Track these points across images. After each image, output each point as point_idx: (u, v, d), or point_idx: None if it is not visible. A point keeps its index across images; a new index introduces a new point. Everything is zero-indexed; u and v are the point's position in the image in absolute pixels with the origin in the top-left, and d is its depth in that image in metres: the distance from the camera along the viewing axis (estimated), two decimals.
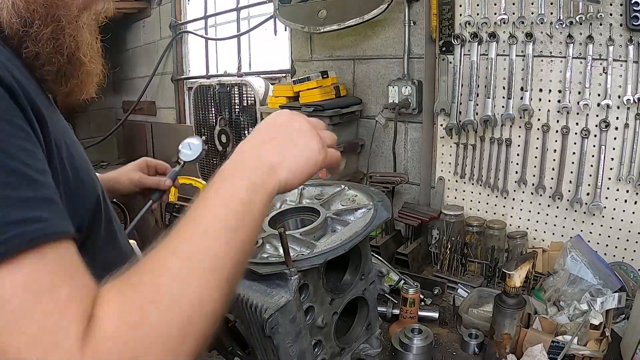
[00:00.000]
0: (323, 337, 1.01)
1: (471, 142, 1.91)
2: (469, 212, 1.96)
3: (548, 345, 1.22)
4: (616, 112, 1.57)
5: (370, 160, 2.24)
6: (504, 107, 1.77)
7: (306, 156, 0.71)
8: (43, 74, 0.70)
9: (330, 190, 1.23)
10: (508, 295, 1.25)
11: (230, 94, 2.76)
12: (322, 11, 2.17)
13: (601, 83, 1.58)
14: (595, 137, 1.62)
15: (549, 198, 1.76)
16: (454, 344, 1.39)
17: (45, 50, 0.68)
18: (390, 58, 2.16)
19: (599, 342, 1.25)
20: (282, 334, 0.87)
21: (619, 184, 1.60)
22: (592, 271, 1.47)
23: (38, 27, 0.67)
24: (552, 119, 1.70)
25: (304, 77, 2.23)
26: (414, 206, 1.98)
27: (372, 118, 2.22)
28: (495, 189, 1.88)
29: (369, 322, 1.15)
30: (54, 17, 0.69)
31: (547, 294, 1.47)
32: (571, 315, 1.36)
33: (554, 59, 1.66)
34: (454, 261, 1.73)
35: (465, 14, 1.80)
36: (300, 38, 2.49)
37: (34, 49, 0.67)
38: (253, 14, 3.06)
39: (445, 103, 1.90)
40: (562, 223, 1.75)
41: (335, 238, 0.99)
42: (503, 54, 1.75)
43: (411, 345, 1.28)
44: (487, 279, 1.69)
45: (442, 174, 2.03)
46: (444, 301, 1.62)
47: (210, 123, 2.91)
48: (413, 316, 1.44)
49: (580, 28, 1.58)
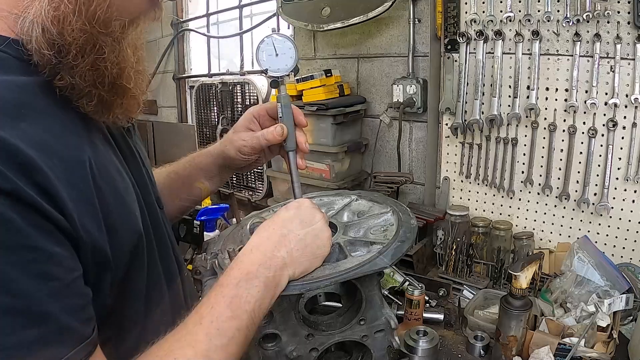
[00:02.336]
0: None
1: (477, 142, 1.89)
2: (475, 212, 1.95)
3: (555, 347, 1.21)
4: (624, 111, 1.55)
5: (375, 159, 2.23)
6: (510, 106, 1.76)
7: (320, 255, 0.82)
8: (81, 105, 0.64)
9: (376, 208, 1.08)
10: (514, 296, 1.23)
11: (232, 92, 2.76)
12: (326, 9, 2.15)
13: (608, 82, 1.56)
14: (603, 137, 1.60)
15: (556, 198, 1.74)
16: (460, 346, 1.37)
17: (83, 82, 0.62)
18: (394, 56, 2.14)
19: (606, 345, 1.24)
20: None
21: (626, 184, 1.59)
22: (600, 272, 1.45)
23: (75, 58, 0.60)
24: (559, 118, 1.68)
25: (308, 75, 2.22)
26: (418, 206, 1.97)
27: (376, 117, 2.21)
28: (501, 189, 1.86)
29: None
30: (94, 46, 0.61)
31: (554, 296, 1.46)
32: (578, 317, 1.34)
33: (561, 57, 1.64)
34: (460, 262, 1.71)
35: (471, 12, 1.78)
36: (304, 36, 2.47)
37: (70, 80, 0.61)
38: (256, 11, 3.04)
39: (451, 102, 1.88)
40: (569, 223, 1.74)
41: (323, 270, 0.86)
42: (509, 52, 1.73)
43: (416, 348, 1.27)
44: (493, 281, 1.67)
45: (447, 174, 2.02)
46: (449, 303, 1.60)
47: (212, 122, 2.91)
48: (418, 318, 1.43)
49: (587, 26, 1.56)
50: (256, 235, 0.81)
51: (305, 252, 0.80)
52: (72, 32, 0.59)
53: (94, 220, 0.59)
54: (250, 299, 0.70)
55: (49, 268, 0.52)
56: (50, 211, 0.52)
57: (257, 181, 2.72)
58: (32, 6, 0.58)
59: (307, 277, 0.83)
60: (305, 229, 0.81)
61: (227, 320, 0.67)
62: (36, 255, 0.51)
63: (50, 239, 0.53)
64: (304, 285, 0.81)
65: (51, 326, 0.52)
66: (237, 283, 0.71)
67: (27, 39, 0.58)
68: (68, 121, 0.62)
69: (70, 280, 0.55)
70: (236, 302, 0.69)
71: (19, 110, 0.54)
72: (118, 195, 0.66)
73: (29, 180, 0.51)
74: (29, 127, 0.54)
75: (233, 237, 1.04)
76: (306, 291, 0.85)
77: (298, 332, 0.91)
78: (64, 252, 0.54)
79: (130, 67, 0.69)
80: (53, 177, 0.53)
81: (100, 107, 0.66)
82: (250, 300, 0.70)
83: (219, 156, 1.08)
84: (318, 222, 0.83)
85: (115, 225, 0.63)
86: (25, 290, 0.50)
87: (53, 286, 0.52)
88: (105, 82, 0.64)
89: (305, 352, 0.92)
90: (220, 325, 0.66)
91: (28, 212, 0.50)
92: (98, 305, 0.61)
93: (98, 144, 0.68)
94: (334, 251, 0.91)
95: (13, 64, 0.58)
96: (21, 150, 0.50)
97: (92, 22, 0.60)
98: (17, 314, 0.49)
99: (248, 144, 1.01)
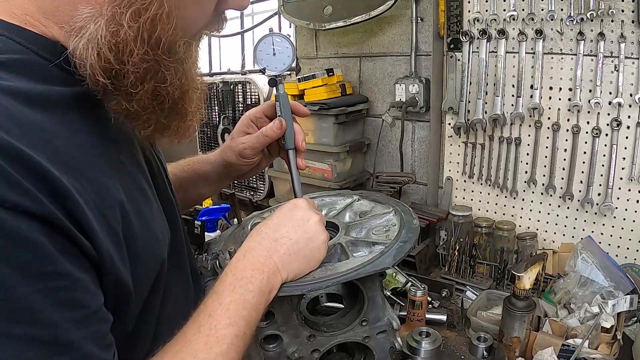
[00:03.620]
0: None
1: (480, 142, 1.88)
2: (478, 212, 1.94)
3: (558, 348, 1.20)
4: (628, 110, 1.54)
5: (377, 159, 2.22)
6: (514, 105, 1.75)
7: (314, 258, 0.81)
8: (136, 131, 0.59)
9: (378, 209, 1.08)
10: (517, 297, 1.23)
11: (233, 92, 2.74)
12: (328, 7, 2.14)
13: (612, 81, 1.55)
14: (607, 137, 1.59)
15: (559, 198, 1.73)
16: (463, 347, 1.37)
17: (141, 110, 0.57)
18: (397, 55, 2.13)
19: (610, 346, 1.23)
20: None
21: (630, 184, 1.58)
22: (604, 273, 1.45)
23: (133, 86, 0.55)
24: (563, 118, 1.67)
25: (309, 74, 2.21)
26: (421, 207, 1.96)
27: (378, 117, 2.20)
28: (505, 189, 1.85)
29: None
30: (156, 73, 0.56)
31: (558, 297, 1.45)
32: (582, 318, 1.34)
33: (565, 57, 1.63)
34: (462, 263, 1.70)
35: (474, 11, 1.77)
36: (305, 35, 2.46)
37: (127, 106, 0.56)
38: (257, 10, 3.04)
39: (454, 101, 1.87)
40: (573, 224, 1.73)
41: (324, 270, 0.86)
42: (512, 52, 1.72)
43: (419, 349, 1.26)
44: (496, 281, 1.67)
45: (450, 174, 2.01)
46: (452, 304, 1.59)
47: (213, 121, 2.89)
48: (420, 319, 1.42)
49: (591, 25, 1.55)
50: (249, 239, 0.80)
51: (299, 257, 0.79)
52: (133, 60, 0.54)
53: (118, 249, 0.57)
54: (247, 305, 0.70)
55: (76, 295, 0.51)
56: (77, 236, 0.51)
57: (259, 181, 2.71)
58: (87, 28, 0.53)
59: (309, 278, 0.82)
60: (298, 233, 0.80)
61: (225, 327, 0.66)
62: (65, 282, 0.49)
63: (78, 265, 0.51)
64: (305, 285, 0.81)
65: (76, 354, 0.51)
66: (232, 289, 0.70)
67: (80, 62, 0.53)
68: (100, 139, 0.58)
69: (96, 307, 0.54)
70: (233, 308, 0.69)
71: (52, 127, 0.52)
72: (143, 220, 0.64)
73: (59, 204, 0.49)
74: (61, 146, 0.52)
75: (234, 238, 1.04)
76: (308, 292, 0.84)
77: (300, 333, 0.90)
78: (90, 278, 0.53)
79: (194, 87, 0.65)
80: (82, 202, 0.52)
81: (155, 132, 0.62)
82: (247, 306, 0.70)
83: (219, 164, 1.07)
84: (313, 225, 0.82)
85: (139, 252, 0.62)
86: (52, 320, 0.48)
87: (80, 314, 0.51)
88: (165, 108, 0.60)
89: (306, 353, 0.91)
90: (218, 333, 0.66)
91: (57, 237, 0.49)
92: (118, 331, 0.60)
93: (126, 164, 0.65)
94: (336, 252, 0.91)
95: (51, 70, 0.55)
96: (50, 172, 0.48)
97: (157, 49, 0.55)
98: (43, 344, 0.48)
99: (248, 146, 0.99)
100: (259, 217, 1.11)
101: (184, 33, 0.59)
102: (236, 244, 0.94)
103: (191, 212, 1.91)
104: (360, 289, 0.92)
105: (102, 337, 0.55)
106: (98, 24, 0.52)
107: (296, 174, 0.99)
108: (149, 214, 0.67)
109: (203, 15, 0.62)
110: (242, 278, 0.72)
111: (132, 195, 0.63)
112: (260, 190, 2.72)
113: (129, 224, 0.60)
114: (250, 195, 2.73)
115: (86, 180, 0.54)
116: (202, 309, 0.69)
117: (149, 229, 0.66)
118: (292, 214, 0.83)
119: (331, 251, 0.89)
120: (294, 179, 0.99)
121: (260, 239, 0.79)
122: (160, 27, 0.54)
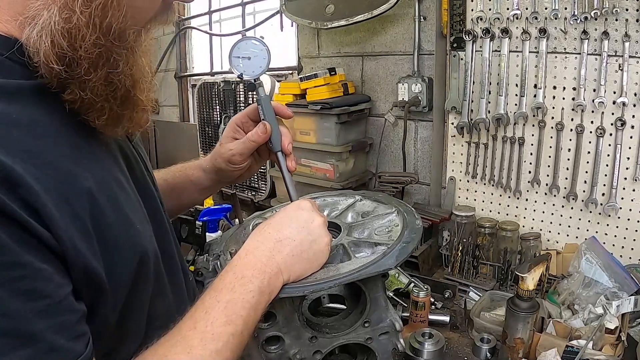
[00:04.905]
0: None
1: (483, 141, 1.87)
2: (481, 213, 1.93)
3: (562, 350, 1.20)
4: (632, 110, 1.53)
5: (379, 159, 2.22)
6: (517, 105, 1.74)
7: (317, 261, 0.81)
8: (90, 120, 0.60)
9: (381, 209, 1.07)
10: (521, 298, 1.22)
11: (235, 91, 2.74)
12: (330, 6, 2.14)
13: (617, 80, 1.54)
14: (611, 136, 1.58)
15: (563, 198, 1.72)
16: (466, 348, 1.36)
17: (94, 97, 0.58)
18: (399, 54, 2.13)
19: (614, 347, 1.23)
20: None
21: (635, 184, 1.57)
22: (608, 274, 1.44)
23: (87, 72, 0.56)
24: (567, 117, 1.66)
25: (311, 74, 2.20)
26: (424, 207, 1.96)
27: (381, 116, 2.19)
28: (508, 189, 1.84)
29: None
30: (107, 60, 0.58)
31: (561, 297, 1.45)
32: (586, 319, 1.33)
33: (568, 56, 1.63)
34: (466, 263, 1.69)
35: (477, 9, 1.76)
36: (308, 34, 2.46)
37: (80, 94, 0.57)
38: (259, 9, 3.03)
39: (457, 101, 1.87)
40: (577, 224, 1.72)
41: (326, 272, 0.85)
42: (516, 51, 1.71)
43: (422, 350, 1.26)
44: (499, 282, 1.66)
45: (453, 174, 2.00)
46: (455, 305, 1.59)
47: (214, 121, 2.90)
48: (423, 320, 1.42)
49: (595, 24, 1.54)
50: (251, 238, 0.80)
51: (301, 259, 0.78)
52: (85, 46, 0.55)
53: (85, 238, 0.56)
54: (245, 304, 0.69)
55: (37, 285, 0.50)
56: (35, 226, 0.50)
57: (260, 181, 2.71)
58: (41, 15, 0.54)
59: (311, 279, 0.82)
60: (302, 235, 0.80)
61: (222, 325, 0.66)
62: (24, 272, 0.49)
63: (38, 255, 0.51)
64: (307, 287, 0.80)
65: (40, 346, 0.50)
66: (232, 288, 0.70)
67: (34, 50, 0.55)
68: (64, 129, 0.59)
69: (60, 297, 0.53)
70: (231, 307, 0.68)
71: (10, 117, 0.52)
72: (118, 209, 0.63)
73: (12, 193, 0.48)
74: (20, 135, 0.52)
75: (235, 238, 1.03)
76: (310, 293, 0.83)
77: (301, 335, 0.89)
78: (52, 268, 0.52)
79: (145, 77, 0.67)
80: (39, 189, 0.51)
81: (110, 122, 0.63)
82: (245, 305, 0.69)
83: (210, 170, 1.07)
84: (317, 228, 0.81)
85: (114, 241, 0.61)
86: (13, 310, 0.48)
87: (42, 304, 0.50)
88: (117, 96, 0.61)
89: (308, 354, 0.90)
90: (214, 330, 0.65)
91: (12, 227, 0.48)
92: (99, 323, 0.59)
93: (97, 153, 0.65)
94: (338, 252, 0.90)
95: (8, 64, 0.55)
96: (1, 162, 0.48)
97: (108, 35, 0.57)
98: (5, 335, 0.47)
99: (236, 152, 1.00)
100: (260, 218, 1.11)
101: (134, 21, 0.60)
102: (237, 245, 0.94)
103: (192, 212, 1.90)
104: (363, 290, 0.91)
105: (70, 328, 0.53)
106: (51, 11, 0.54)
107: (288, 176, 0.98)
108: (126, 203, 0.66)
109: (152, 4, 0.65)
110: (242, 277, 0.72)
111: (104, 184, 0.62)
112: (262, 190, 2.71)
113: (101, 212, 0.59)
114: (251, 195, 2.73)
115: (48, 168, 0.53)
116: (198, 305, 0.68)
117: (126, 219, 0.65)
118: (296, 215, 0.82)
119: (333, 252, 0.89)
120: (286, 181, 0.98)
121: (263, 238, 0.79)
122: (111, 14, 0.56)
